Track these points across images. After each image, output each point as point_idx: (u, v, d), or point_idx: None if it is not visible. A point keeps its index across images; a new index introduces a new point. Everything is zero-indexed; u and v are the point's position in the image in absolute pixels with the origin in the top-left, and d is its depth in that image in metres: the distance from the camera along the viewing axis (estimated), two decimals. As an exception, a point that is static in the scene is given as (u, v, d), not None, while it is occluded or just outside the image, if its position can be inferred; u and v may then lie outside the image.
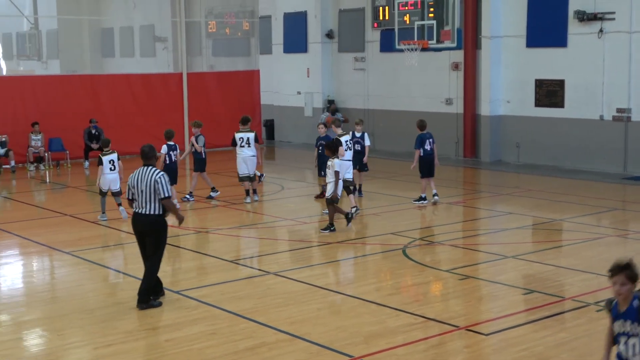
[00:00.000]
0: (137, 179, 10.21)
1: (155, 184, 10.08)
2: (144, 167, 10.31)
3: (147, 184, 10.11)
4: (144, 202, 10.17)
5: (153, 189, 10.10)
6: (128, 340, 9.06)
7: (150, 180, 10.12)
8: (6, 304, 10.82)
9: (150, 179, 10.12)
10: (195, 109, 27.35)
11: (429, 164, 17.32)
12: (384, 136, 27.43)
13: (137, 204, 10.25)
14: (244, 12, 31.45)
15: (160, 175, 10.15)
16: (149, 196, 10.12)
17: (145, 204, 10.17)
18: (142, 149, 10.47)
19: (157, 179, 10.10)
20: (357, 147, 17.64)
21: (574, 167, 22.49)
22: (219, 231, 15.23)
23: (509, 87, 24.21)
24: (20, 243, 14.42)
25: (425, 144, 17.22)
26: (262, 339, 9.00)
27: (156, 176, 10.13)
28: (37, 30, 39.27)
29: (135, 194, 10.24)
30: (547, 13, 22.92)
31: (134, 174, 10.31)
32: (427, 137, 17.30)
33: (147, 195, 10.13)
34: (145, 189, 10.13)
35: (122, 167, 16.40)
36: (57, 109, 24.82)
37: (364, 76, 28.36)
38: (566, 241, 14.57)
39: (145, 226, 10.23)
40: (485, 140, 24.60)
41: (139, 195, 10.18)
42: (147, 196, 10.13)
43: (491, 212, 17.24)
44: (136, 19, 35.72)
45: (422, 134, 17.32)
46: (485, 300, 10.73)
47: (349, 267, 12.68)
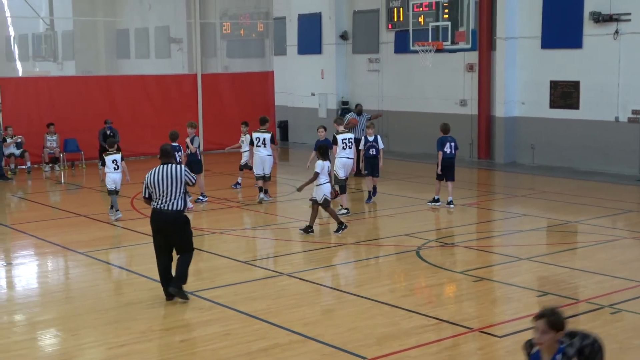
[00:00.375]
0: (161, 177, 10.37)
1: (184, 177, 10.42)
2: (164, 165, 10.49)
3: (175, 180, 10.35)
4: (170, 198, 10.35)
5: (181, 183, 10.37)
6: (142, 341, 9.09)
7: (178, 175, 10.39)
8: (21, 304, 10.88)
9: (178, 174, 10.39)
10: (210, 110, 27.42)
11: (450, 167, 17.17)
12: (398, 137, 27.39)
13: (159, 201, 10.37)
14: (259, 14, 31.49)
15: (184, 167, 10.56)
16: (175, 192, 10.35)
17: (171, 200, 10.35)
18: (164, 147, 10.73)
19: (185, 172, 10.48)
20: (372, 152, 17.48)
21: (589, 168, 22.38)
22: (233, 232, 15.25)
23: (523, 88, 24.13)
24: (35, 243, 14.49)
25: (446, 147, 17.06)
26: (275, 340, 9.01)
27: (182, 170, 10.47)
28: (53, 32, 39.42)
29: (156, 192, 10.36)
30: (562, 14, 22.84)
31: (153, 172, 10.44)
32: (448, 140, 17.10)
33: (173, 192, 10.34)
34: (172, 185, 10.34)
35: (125, 167, 16.59)
36: (72, 110, 24.93)
37: (378, 77, 28.33)
38: (581, 243, 14.51)
39: (170, 222, 10.39)
40: (499, 141, 24.53)
41: (164, 193, 10.34)
42: (174, 192, 10.35)
43: (505, 214, 17.19)
44: (151, 20, 35.82)
45: (443, 137, 17.12)
46: (499, 302, 10.70)
47: (362, 268, 12.67)
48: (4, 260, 13.49)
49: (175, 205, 10.36)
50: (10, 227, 16.32)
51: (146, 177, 10.48)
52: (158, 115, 26.33)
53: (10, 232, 15.79)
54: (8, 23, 36.92)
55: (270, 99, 29.15)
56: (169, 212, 10.36)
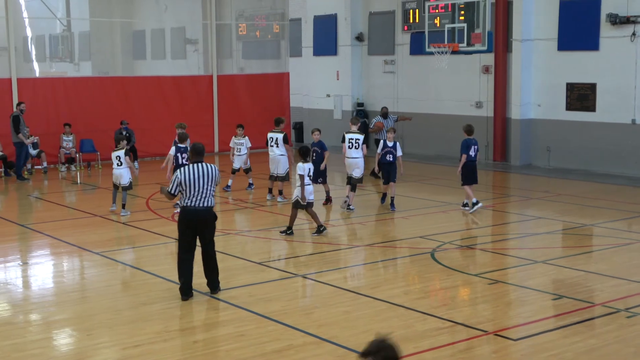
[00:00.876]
0: (195, 176, 10.60)
1: (218, 175, 10.82)
2: (197, 163, 10.73)
3: (210, 178, 10.67)
4: (204, 196, 10.64)
5: (214, 182, 10.72)
6: (156, 341, 9.11)
7: (212, 174, 10.70)
8: (37, 303, 10.93)
9: (212, 173, 10.70)
10: (225, 111, 27.48)
11: (472, 170, 17.03)
12: (413, 139, 27.36)
13: (194, 199, 10.61)
14: (275, 15, 31.53)
15: (216, 166, 10.87)
16: (208, 190, 10.67)
17: (205, 198, 10.64)
18: (196, 146, 10.95)
19: (218, 171, 10.83)
20: (388, 158, 17.20)
21: (605, 171, 22.28)
22: (248, 233, 15.26)
23: (539, 90, 24.05)
24: (51, 243, 14.56)
25: (471, 150, 16.97)
26: (290, 342, 9.01)
27: (215, 169, 10.79)
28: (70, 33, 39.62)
29: (190, 190, 10.58)
30: (579, 16, 22.75)
31: (187, 171, 10.62)
32: (472, 142, 16.96)
33: (207, 189, 10.65)
34: (206, 184, 10.63)
35: (129, 163, 16.97)
36: (88, 111, 25.05)
37: (394, 79, 28.31)
38: (597, 246, 14.44)
39: (203, 219, 10.68)
40: (515, 144, 24.45)
41: (198, 191, 10.60)
42: (207, 190, 10.66)
43: (521, 217, 17.13)
44: (167, 22, 35.92)
45: (468, 139, 16.93)
46: (514, 305, 10.66)
47: (377, 270, 12.65)
48: (20, 259, 13.56)
49: (208, 202, 10.69)
50: (26, 227, 16.40)
51: (178, 175, 10.65)
52: (174, 116, 26.35)
53: (26, 232, 15.87)
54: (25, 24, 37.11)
55: (286, 101, 29.19)
56: (203, 209, 10.67)
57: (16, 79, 23.89)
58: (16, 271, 12.85)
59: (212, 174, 10.72)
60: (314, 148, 17.15)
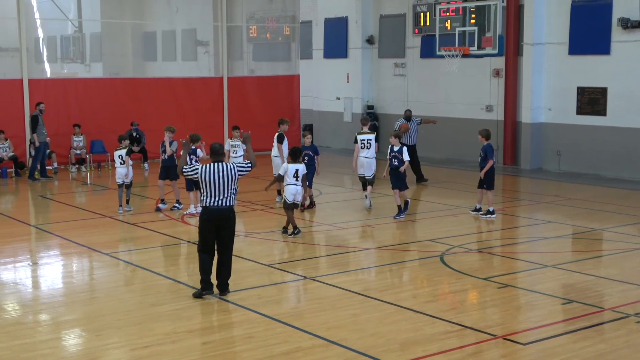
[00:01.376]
0: (215, 175, 10.73)
1: (238, 173, 10.85)
2: (217, 163, 10.83)
3: (230, 178, 10.76)
4: (225, 195, 10.77)
5: (235, 181, 10.81)
6: (165, 342, 9.13)
7: (232, 173, 10.79)
8: (46, 303, 10.97)
9: (232, 172, 10.79)
10: (235, 113, 27.50)
11: (491, 175, 16.96)
12: (423, 143, 27.30)
13: (215, 198, 10.74)
14: (285, 17, 31.56)
15: (235, 165, 10.89)
16: (229, 189, 10.77)
17: (225, 197, 10.77)
18: (214, 146, 11.02)
19: (238, 169, 10.86)
20: (394, 162, 16.55)
21: (616, 175, 22.22)
22: (256, 235, 15.27)
23: (550, 94, 24.00)
24: (61, 244, 14.60)
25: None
26: (298, 344, 9.01)
27: (235, 168, 10.84)
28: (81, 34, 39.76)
29: (210, 190, 10.73)
30: (590, 20, 22.69)
31: (207, 170, 10.75)
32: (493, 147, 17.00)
33: (228, 189, 10.76)
34: (227, 183, 10.74)
35: (128, 162, 17.28)
36: (99, 112, 25.11)
37: (404, 82, 28.30)
38: (606, 251, 14.40)
39: (224, 218, 10.79)
40: (525, 147, 24.41)
41: (219, 190, 10.73)
42: (228, 189, 10.77)
43: (531, 221, 17.09)
44: (178, 23, 36.00)
45: (490, 144, 16.91)
46: (524, 310, 10.64)
47: (386, 273, 12.64)
48: (29, 260, 13.61)
49: (229, 201, 10.82)
50: (36, 227, 16.47)
51: (199, 171, 10.82)
52: (184, 118, 26.44)
53: (36, 232, 15.93)
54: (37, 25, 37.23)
55: (296, 103, 29.21)
56: (224, 208, 10.78)
57: (27, 80, 23.96)
58: (26, 271, 12.90)
59: (232, 174, 10.80)
60: (306, 151, 17.05)
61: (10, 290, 11.73)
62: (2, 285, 11.91)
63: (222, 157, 10.99)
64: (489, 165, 16.69)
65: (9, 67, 27.40)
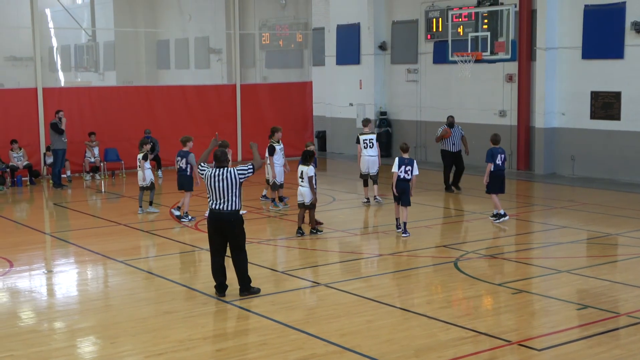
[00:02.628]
0: (216, 180, 11.04)
1: (238, 177, 11.07)
2: (219, 169, 11.14)
3: (231, 183, 11.01)
4: (226, 199, 11.02)
5: (236, 185, 11.04)
6: (179, 350, 9.14)
7: (233, 178, 11.04)
8: (61, 311, 11.01)
9: (233, 177, 11.04)
10: (248, 120, 27.57)
11: (500, 179, 16.90)
12: (436, 148, 27.27)
13: (217, 202, 11.06)
14: (298, 24, 31.62)
15: (235, 169, 11.11)
16: (230, 193, 11.01)
17: (227, 202, 11.02)
18: (216, 152, 11.35)
19: (238, 173, 11.09)
20: (403, 175, 15.42)
21: (631, 180, 22.11)
22: (270, 242, 15.28)
23: (564, 99, 23.93)
24: (76, 252, 14.66)
25: (497, 159, 16.82)
26: (312, 351, 9.01)
27: (235, 172, 11.08)
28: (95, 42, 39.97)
29: (213, 194, 11.06)
30: (603, 24, 22.61)
31: (210, 175, 11.10)
32: (499, 151, 16.78)
33: (229, 193, 11.01)
34: (228, 188, 11.00)
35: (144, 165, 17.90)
36: (113, 120, 25.22)
37: (417, 88, 28.29)
38: (622, 256, 14.33)
39: (226, 221, 11.02)
40: (539, 152, 24.33)
41: (221, 195, 11.03)
42: (230, 194, 11.01)
43: (545, 226, 17.03)
44: (191, 31, 36.15)
45: (494, 148, 16.78)
46: (538, 315, 10.60)
47: (400, 279, 12.62)
48: (44, 268, 13.67)
49: (230, 205, 11.02)
50: (51, 235, 16.54)
51: (204, 174, 11.21)
52: (197, 125, 26.51)
53: (51, 240, 16.00)
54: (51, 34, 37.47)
55: (309, 109, 29.24)
56: (225, 212, 11.01)
57: (42, 89, 24.10)
58: (41, 279, 12.95)
59: (233, 179, 11.02)
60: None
61: (25, 298, 11.79)
62: (18, 293, 11.97)
63: (224, 163, 11.22)
64: (488, 170, 16.70)
65: (24, 76, 27.59)
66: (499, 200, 16.84)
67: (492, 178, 16.74)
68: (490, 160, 16.70)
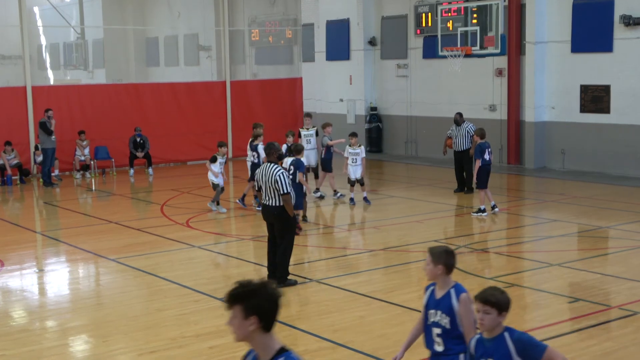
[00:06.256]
0: (262, 174, 11.38)
1: (274, 182, 11.20)
2: (267, 163, 11.50)
3: (270, 180, 11.21)
4: (268, 195, 11.35)
5: (273, 183, 11.21)
6: (172, 347, 9.13)
7: (271, 176, 11.23)
8: (53, 310, 10.99)
9: (272, 176, 11.22)
10: (239, 116, 27.54)
11: (488, 174, 16.97)
12: (426, 143, 27.33)
13: (264, 195, 11.40)
14: (287, 20, 31.60)
15: (280, 173, 11.24)
16: (271, 191, 11.25)
17: (270, 197, 11.35)
18: (266, 145, 11.81)
19: (277, 178, 11.20)
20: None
21: (621, 173, 22.18)
22: (262, 238, 15.27)
23: (553, 93, 23.98)
24: (67, 250, 14.62)
25: (485, 154, 16.89)
26: (305, 347, 9.01)
27: (276, 174, 11.20)
28: (84, 40, 39.89)
29: (262, 187, 11.39)
30: (592, 18, 22.66)
31: (260, 168, 11.55)
32: (486, 146, 16.87)
33: (270, 190, 11.26)
34: (267, 184, 11.25)
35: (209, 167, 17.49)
36: (102, 118, 25.14)
37: (407, 83, 28.30)
38: (612, 249, 14.38)
39: (271, 217, 11.47)
40: (529, 146, 24.38)
41: (264, 189, 11.33)
42: (270, 191, 11.26)
43: (536, 220, 17.07)
44: (180, 29, 36.11)
45: (482, 143, 16.83)
46: (530, 309, 10.62)
47: (392, 274, 12.63)
48: (36, 267, 13.63)
49: (272, 202, 11.34)
50: (41, 234, 16.49)
51: (256, 172, 11.67)
52: (187, 123, 26.50)
53: (41, 239, 15.96)
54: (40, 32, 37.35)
55: (299, 106, 29.23)
56: (268, 207, 11.43)
57: (31, 87, 24.01)
58: (32, 278, 12.91)
59: (269, 177, 11.25)
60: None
61: (17, 297, 11.76)
62: (9, 293, 11.94)
63: (270, 157, 11.56)
64: (476, 166, 16.70)
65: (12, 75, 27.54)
66: (485, 195, 16.87)
67: (480, 173, 16.75)
68: (479, 156, 16.71)
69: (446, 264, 6.25)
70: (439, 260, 6.23)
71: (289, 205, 11.30)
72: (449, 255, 6.30)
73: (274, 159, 11.58)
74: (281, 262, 11.55)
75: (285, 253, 11.53)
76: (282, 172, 11.32)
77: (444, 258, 6.24)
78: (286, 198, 11.24)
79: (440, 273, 6.27)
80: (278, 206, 11.29)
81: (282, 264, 11.57)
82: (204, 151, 24.72)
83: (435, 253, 6.27)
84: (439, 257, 6.25)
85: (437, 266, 6.24)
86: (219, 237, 15.50)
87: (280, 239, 11.49)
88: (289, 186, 11.32)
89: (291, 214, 11.42)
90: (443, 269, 6.25)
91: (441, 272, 6.26)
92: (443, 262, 6.24)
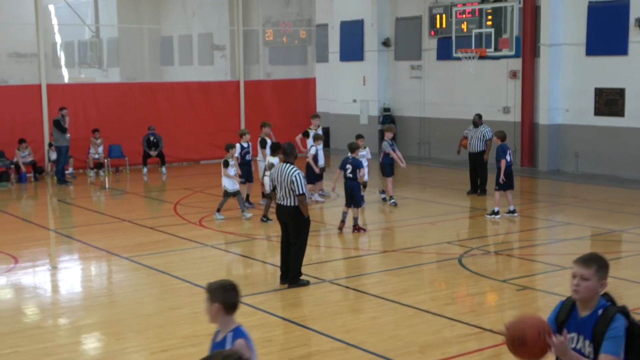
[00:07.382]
0: (277, 174, 11.46)
1: (290, 183, 11.26)
2: (283, 163, 11.58)
3: (285, 180, 11.27)
4: (283, 195, 11.41)
5: (288, 183, 11.28)
6: (184, 346, 9.16)
7: (287, 177, 11.30)
8: (66, 307, 11.03)
9: (287, 176, 11.29)
10: (252, 116, 27.55)
11: (512, 175, 16.92)
12: (440, 145, 27.29)
13: (278, 195, 11.44)
14: (301, 21, 31.61)
15: (297, 174, 11.31)
16: (286, 191, 11.31)
17: (284, 197, 11.40)
18: (282, 146, 11.90)
19: (293, 178, 11.27)
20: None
21: (635, 177, 22.08)
22: (274, 238, 15.28)
23: (567, 95, 23.89)
24: (80, 248, 14.68)
25: (507, 155, 16.88)
26: (317, 347, 9.02)
27: (292, 175, 11.28)
28: (98, 39, 39.99)
29: (276, 187, 11.44)
30: (607, 21, 22.57)
31: (275, 168, 11.72)
32: (507, 147, 16.89)
33: (285, 190, 11.32)
34: (282, 184, 11.31)
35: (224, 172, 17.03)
36: (116, 116, 25.21)
37: (421, 84, 28.26)
38: (626, 252, 14.32)
39: (285, 216, 11.52)
40: (543, 149, 24.30)
41: (279, 189, 11.39)
42: (285, 190, 11.32)
43: (549, 222, 17.02)
44: (195, 28, 36.16)
45: (503, 145, 16.84)
46: (542, 312, 10.57)
47: (404, 276, 12.62)
48: (49, 264, 13.69)
49: (287, 201, 11.39)
50: (55, 231, 16.56)
51: (271, 172, 11.86)
52: (201, 122, 26.54)
53: (55, 237, 16.03)
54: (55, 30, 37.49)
55: (312, 106, 29.22)
56: (283, 206, 11.47)
57: (46, 85, 24.10)
58: (45, 275, 12.97)
59: (284, 177, 11.32)
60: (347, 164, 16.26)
61: (30, 294, 11.81)
62: (22, 290, 11.99)
63: (287, 157, 11.60)
64: (502, 167, 16.65)
65: (27, 73, 27.61)
66: (501, 197, 16.83)
67: (506, 175, 16.72)
68: (503, 157, 16.69)
69: (223, 301, 5.39)
70: (215, 298, 5.38)
71: (304, 206, 11.34)
72: (227, 292, 5.42)
73: (292, 159, 11.62)
74: (294, 262, 11.57)
75: (298, 253, 11.56)
76: (299, 172, 11.38)
77: (219, 295, 5.38)
78: (302, 199, 11.29)
79: (215, 312, 5.41)
80: (293, 206, 11.33)
81: (295, 264, 11.58)
82: (217, 150, 24.71)
83: (211, 289, 5.41)
84: (214, 294, 5.39)
85: (213, 305, 5.39)
86: (229, 237, 15.52)
87: (294, 239, 11.51)
88: (305, 187, 11.37)
89: (305, 215, 11.43)
90: (219, 308, 5.39)
91: (217, 311, 5.40)
92: (219, 299, 5.38)
